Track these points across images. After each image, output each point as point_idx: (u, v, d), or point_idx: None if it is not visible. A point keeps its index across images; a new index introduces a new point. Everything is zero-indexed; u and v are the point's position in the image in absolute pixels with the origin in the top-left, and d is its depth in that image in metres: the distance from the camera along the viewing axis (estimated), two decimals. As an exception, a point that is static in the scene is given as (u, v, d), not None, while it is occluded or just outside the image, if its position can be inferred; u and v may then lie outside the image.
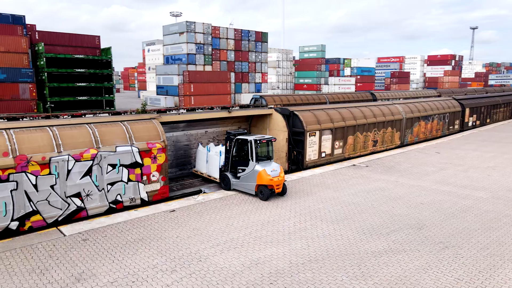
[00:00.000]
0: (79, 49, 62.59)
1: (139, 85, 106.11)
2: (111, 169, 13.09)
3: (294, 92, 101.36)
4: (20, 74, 52.42)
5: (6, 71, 52.42)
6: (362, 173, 18.82)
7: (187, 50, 70.94)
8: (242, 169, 15.12)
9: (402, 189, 16.13)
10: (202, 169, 17.51)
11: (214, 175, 16.72)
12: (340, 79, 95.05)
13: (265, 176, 14.35)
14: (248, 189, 15.00)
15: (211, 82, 69.47)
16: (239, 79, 78.47)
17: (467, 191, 15.85)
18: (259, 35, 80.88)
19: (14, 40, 51.66)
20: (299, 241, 10.88)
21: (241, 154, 15.29)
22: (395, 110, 26.09)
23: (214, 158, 16.72)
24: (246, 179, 14.96)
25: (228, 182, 15.59)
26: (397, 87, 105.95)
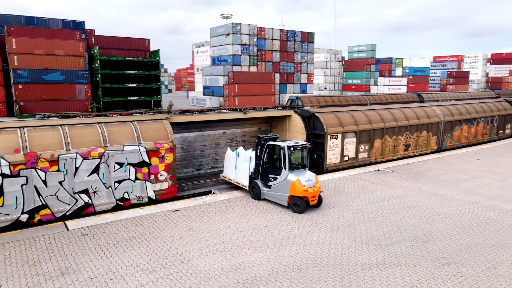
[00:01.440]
0: (131, 52, 65.48)
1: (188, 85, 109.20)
2: (118, 167, 13.51)
3: (342, 93, 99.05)
4: (77, 76, 55.77)
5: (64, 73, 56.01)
6: (384, 179, 17.88)
7: (233, 51, 71.88)
8: (274, 178, 13.98)
9: (422, 197, 15.10)
10: (231, 175, 16.26)
11: (243, 182, 15.41)
12: (390, 80, 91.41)
13: (299, 187, 13.18)
14: (279, 199, 13.83)
15: (255, 82, 69.81)
16: (284, 79, 78.13)
17: (496, 202, 14.49)
18: (305, 35, 79.96)
19: (72, 44, 55.14)
20: (289, 247, 10.52)
21: (272, 161, 14.33)
22: (431, 113, 24.54)
23: (243, 164, 15.48)
24: (278, 189, 13.82)
25: (258, 191, 14.47)
26: (454, 88, 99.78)
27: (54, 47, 56.94)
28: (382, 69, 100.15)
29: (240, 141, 19.83)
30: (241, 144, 19.93)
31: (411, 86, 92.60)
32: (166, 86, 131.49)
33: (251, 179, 14.97)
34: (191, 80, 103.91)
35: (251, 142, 20.28)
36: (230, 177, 16.36)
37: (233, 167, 16.08)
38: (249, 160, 15.17)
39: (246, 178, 15.29)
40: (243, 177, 15.49)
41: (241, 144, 19.92)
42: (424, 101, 46.71)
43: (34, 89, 55.46)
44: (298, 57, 78.44)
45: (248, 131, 20.03)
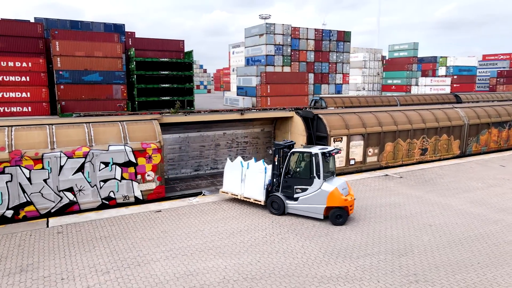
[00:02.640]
0: (166, 53, 67.48)
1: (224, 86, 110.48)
2: (103, 166, 13.67)
3: (381, 93, 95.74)
4: (114, 77, 58.27)
5: (103, 74, 58.63)
6: (388, 185, 16.89)
7: (266, 52, 71.64)
8: (302, 189, 12.64)
9: (420, 206, 14.06)
10: (235, 189, 14.05)
11: (257, 197, 13.50)
12: (432, 80, 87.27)
13: (338, 197, 12.14)
14: (312, 212, 12.55)
15: (288, 83, 69.19)
16: (318, 80, 76.81)
17: (502, 215, 13.19)
18: (341, 34, 78.14)
19: (110, 46, 57.62)
20: (254, 255, 10.10)
21: (298, 171, 13.04)
22: (453, 115, 22.94)
23: (256, 176, 13.54)
24: (309, 201, 12.52)
25: (280, 205, 12.87)
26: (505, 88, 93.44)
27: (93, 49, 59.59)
28: (425, 68, 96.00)
29: (241, 142, 19.54)
30: (242, 145, 19.64)
31: (455, 86, 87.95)
32: (205, 86, 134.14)
33: (268, 193, 13.34)
34: (227, 80, 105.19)
35: (253, 144, 19.94)
36: (234, 192, 14.11)
37: (238, 181, 13.96)
38: (264, 172, 13.45)
39: (261, 192, 13.43)
40: (257, 191, 13.53)
41: (242, 146, 19.62)
42: (462, 102, 44.05)
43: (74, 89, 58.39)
44: (334, 57, 77.24)
45: (250, 132, 19.69)
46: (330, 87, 77.40)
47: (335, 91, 77.90)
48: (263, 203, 13.39)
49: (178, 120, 16.39)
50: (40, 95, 53.97)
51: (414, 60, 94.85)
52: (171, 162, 17.92)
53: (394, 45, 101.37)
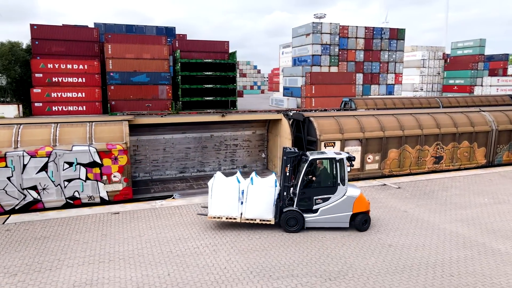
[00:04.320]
0: (211, 54, 68.73)
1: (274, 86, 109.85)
2: (67, 166, 13.83)
3: (442, 94, 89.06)
4: (160, 78, 60.51)
5: (150, 75, 61.14)
6: (377, 196, 15.29)
7: (312, 51, 69.93)
8: (323, 199, 11.58)
9: (396, 223, 12.47)
10: (230, 212, 11.60)
11: (265, 217, 11.54)
12: (500, 80, 79.37)
13: (364, 201, 11.69)
14: (336, 222, 11.59)
15: (334, 83, 66.90)
16: (367, 80, 73.38)
17: (488, 238, 11.22)
18: (394, 32, 73.90)
19: (158, 49, 59.92)
20: (170, 267, 9.47)
21: (317, 179, 11.89)
22: (479, 120, 20.33)
23: (264, 192, 11.57)
24: (332, 211, 11.53)
25: (299, 220, 11.46)
26: None
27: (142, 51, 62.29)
28: (493, 67, 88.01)
29: (230, 145, 18.88)
30: (232, 148, 18.96)
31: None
32: (258, 87, 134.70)
33: (281, 209, 11.68)
34: (277, 81, 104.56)
35: (244, 147, 19.18)
36: (230, 215, 11.63)
37: (235, 201, 11.63)
38: (274, 186, 11.72)
39: (270, 210, 11.55)
40: (265, 210, 11.54)
41: (231, 149, 18.95)
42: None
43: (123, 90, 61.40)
44: (385, 56, 73.45)
45: (240, 135, 18.96)
46: (380, 88, 73.64)
47: (386, 92, 73.91)
48: (273, 222, 11.60)
49: (152, 121, 16.21)
50: (94, 95, 57.51)
51: (480, 58, 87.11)
52: (155, 163, 17.80)
53: (458, 42, 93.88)
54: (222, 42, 67.59)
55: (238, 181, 11.74)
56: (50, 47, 58.74)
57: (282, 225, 11.56)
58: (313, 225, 11.66)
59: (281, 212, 11.62)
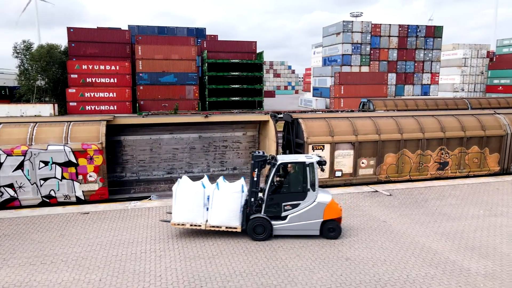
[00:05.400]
0: (238, 54, 68.84)
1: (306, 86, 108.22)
2: (43, 165, 14.03)
3: (485, 94, 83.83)
4: (187, 78, 61.43)
5: (177, 75, 62.24)
6: (362, 204, 14.32)
7: (342, 51, 68.11)
8: (293, 205, 11.01)
9: (368, 234, 11.53)
10: (195, 218, 11.02)
11: (231, 224, 10.95)
12: (550, 80, 73.30)
13: (336, 208, 11.05)
14: (306, 229, 11.02)
15: (364, 84, 64.78)
16: (401, 80, 70.40)
17: (462, 256, 10.08)
18: (430, 30, 70.39)
19: (186, 49, 60.89)
20: (107, 272, 9.21)
21: (287, 185, 11.41)
22: (491, 123, 18.64)
23: (230, 199, 10.95)
24: (302, 218, 10.97)
25: (267, 227, 10.86)
26: None
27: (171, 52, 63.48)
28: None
29: (219, 146, 18.46)
30: (221, 149, 18.55)
31: None
32: (293, 87, 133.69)
33: (248, 216, 11.09)
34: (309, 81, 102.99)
35: (234, 148, 18.72)
36: (195, 221, 11.03)
37: (199, 206, 11.06)
38: (241, 192, 11.12)
39: (236, 217, 10.96)
40: (231, 217, 10.93)
41: (221, 150, 18.54)
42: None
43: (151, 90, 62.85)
44: (421, 54, 70.33)
45: (230, 136, 18.50)
46: (415, 88, 70.44)
47: (421, 92, 70.60)
48: (239, 230, 10.99)
49: (133, 121, 16.14)
50: (124, 95, 59.30)
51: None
52: (142, 163, 17.75)
53: (504, 39, 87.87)
54: (250, 42, 67.41)
55: (203, 186, 11.16)
56: (85, 49, 61.15)
57: (248, 233, 10.97)
58: (281, 233, 11.03)
59: (248, 219, 11.05)
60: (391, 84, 68.55)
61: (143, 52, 58.49)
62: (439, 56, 71.01)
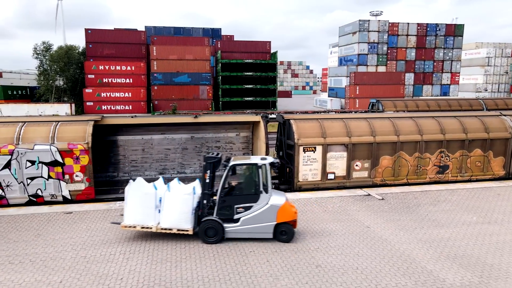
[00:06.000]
0: (252, 54, 68.63)
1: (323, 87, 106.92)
2: (30, 165, 14.17)
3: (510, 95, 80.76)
4: (201, 78, 61.71)
5: (191, 75, 62.61)
6: (349, 208, 13.85)
7: (358, 51, 66.94)
8: (246, 207, 10.82)
9: (346, 240, 11.09)
10: (146, 220, 10.82)
11: (182, 226, 10.77)
12: None
13: (289, 210, 10.79)
14: (259, 232, 10.81)
15: (380, 84, 63.44)
16: (419, 80, 68.63)
17: (443, 265, 9.54)
18: (450, 28, 68.31)
19: (200, 50, 61.19)
20: (70, 273, 9.14)
21: (240, 187, 11.46)
22: (496, 125, 17.77)
23: (181, 200, 10.83)
24: (255, 220, 10.74)
25: (219, 230, 10.67)
26: None
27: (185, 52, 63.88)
28: None
29: (212, 147, 18.27)
30: (214, 150, 18.35)
31: None
32: (311, 87, 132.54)
33: (199, 218, 10.93)
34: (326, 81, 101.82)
35: (227, 149, 18.47)
36: (146, 224, 10.83)
37: (151, 209, 10.89)
38: (192, 194, 10.94)
39: (188, 220, 10.80)
40: (182, 219, 10.80)
41: (213, 151, 18.33)
42: None
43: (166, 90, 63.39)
44: (440, 54, 68.47)
45: (222, 137, 18.28)
46: (434, 88, 68.57)
47: (440, 93, 68.68)
48: (191, 232, 10.78)
49: (121, 122, 16.13)
50: (139, 95, 60.08)
51: (560, 55, 77.63)
52: (134, 163, 17.74)
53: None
54: (264, 42, 67.11)
55: (155, 188, 10.96)
56: (102, 49, 62.20)
57: (200, 236, 10.79)
58: (234, 236, 10.82)
59: (200, 221, 10.88)
60: (409, 84, 66.96)
61: (158, 53, 59.04)
62: (459, 55, 68.88)
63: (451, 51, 67.96)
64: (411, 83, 67.05)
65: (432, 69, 67.73)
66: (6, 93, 59.09)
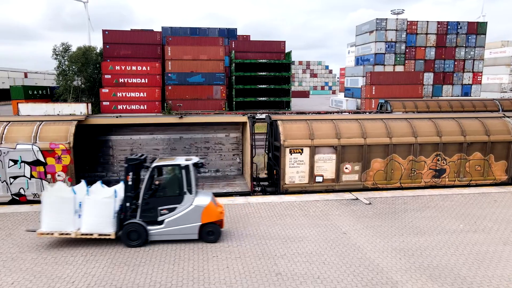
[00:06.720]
0: (266, 54, 68.18)
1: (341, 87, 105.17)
2: (12, 164, 14.30)
3: (537, 96, 77.17)
4: (214, 78, 61.81)
5: (205, 75, 62.81)
6: (331, 212, 13.33)
7: (375, 50, 65.46)
8: (169, 209, 10.69)
9: (313, 246, 10.60)
10: (65, 226, 10.39)
11: (103, 231, 10.44)
12: None
13: (214, 210, 10.80)
14: (184, 234, 10.72)
15: (397, 84, 61.84)
16: (439, 80, 66.50)
17: (411, 276, 8.95)
18: (472, 26, 65.88)
19: (214, 50, 61.31)
20: (24, 275, 9.06)
21: (163, 188, 11.17)
22: (497, 127, 16.81)
23: (102, 204, 10.47)
24: (179, 222, 10.66)
25: (142, 233, 10.50)
26: None
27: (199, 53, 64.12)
28: None
29: (201, 147, 18.01)
30: (203, 151, 18.08)
31: None
32: (330, 87, 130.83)
33: (122, 221, 10.67)
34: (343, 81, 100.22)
35: (216, 150, 18.18)
36: (65, 230, 10.38)
37: (69, 214, 10.44)
38: (113, 197, 10.61)
39: (110, 224, 10.48)
40: (103, 223, 10.44)
41: (202, 152, 18.07)
42: None
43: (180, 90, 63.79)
44: (461, 53, 66.29)
45: (211, 137, 17.99)
46: (454, 89, 66.30)
47: (461, 93, 66.35)
48: (113, 237, 10.51)
49: (105, 122, 16.07)
50: (154, 95, 60.65)
51: None
52: (122, 163, 17.68)
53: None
54: (278, 42, 66.56)
55: (73, 192, 10.58)
56: (119, 50, 63.08)
57: (122, 240, 10.60)
58: (158, 238, 10.70)
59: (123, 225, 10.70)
60: (428, 84, 65.03)
61: (173, 53, 59.44)
62: (482, 54, 66.37)
63: (473, 49, 65.58)
64: (430, 83, 65.09)
65: (452, 69, 65.53)
66: (27, 93, 60.73)
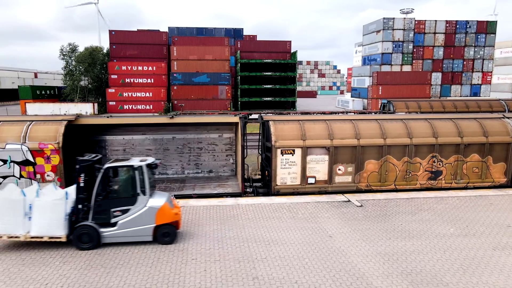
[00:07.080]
0: (272, 54, 67.94)
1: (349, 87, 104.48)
2: (2, 164, 14.33)
3: (549, 96, 75.53)
4: (220, 78, 61.79)
5: (210, 75, 62.83)
6: (320, 214, 13.07)
7: (382, 49, 64.79)
8: (122, 211, 10.56)
9: (295, 250, 10.37)
10: (13, 229, 10.19)
11: (54, 233, 10.24)
12: None
13: (169, 212, 10.68)
14: (138, 236, 10.60)
15: (404, 84, 61.08)
16: (447, 80, 65.56)
17: (393, 282, 8.67)
18: (482, 25, 64.81)
19: (219, 50, 61.29)
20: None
21: (116, 190, 11.08)
22: (496, 128, 16.37)
23: (53, 206, 10.25)
24: (133, 223, 10.54)
25: (94, 236, 10.34)
26: None
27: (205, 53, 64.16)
28: None
29: (194, 148, 17.87)
30: (196, 151, 17.95)
31: None
32: (338, 87, 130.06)
33: (73, 224, 10.44)
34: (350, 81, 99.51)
35: (209, 150, 18.03)
36: (13, 232, 10.19)
37: (19, 216, 10.23)
38: (64, 199, 10.39)
39: (60, 226, 10.27)
40: (53, 226, 10.25)
41: (195, 152, 17.94)
42: None
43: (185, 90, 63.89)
44: (470, 52, 65.30)
45: (204, 138, 17.85)
46: (463, 89, 65.32)
47: (470, 93, 65.34)
48: (64, 239, 10.29)
49: (95, 122, 16.02)
50: (160, 95, 60.83)
51: None
52: None
53: None
54: (284, 42, 66.28)
55: (23, 194, 10.32)
56: (125, 50, 63.38)
57: (73, 243, 10.44)
58: (112, 240, 10.55)
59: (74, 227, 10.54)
60: (436, 84, 64.14)
61: (178, 53, 59.53)
62: (492, 53, 65.24)
63: (482, 49, 64.52)
64: (438, 83, 64.20)
65: (461, 68, 64.56)
66: (35, 93, 61.38)
